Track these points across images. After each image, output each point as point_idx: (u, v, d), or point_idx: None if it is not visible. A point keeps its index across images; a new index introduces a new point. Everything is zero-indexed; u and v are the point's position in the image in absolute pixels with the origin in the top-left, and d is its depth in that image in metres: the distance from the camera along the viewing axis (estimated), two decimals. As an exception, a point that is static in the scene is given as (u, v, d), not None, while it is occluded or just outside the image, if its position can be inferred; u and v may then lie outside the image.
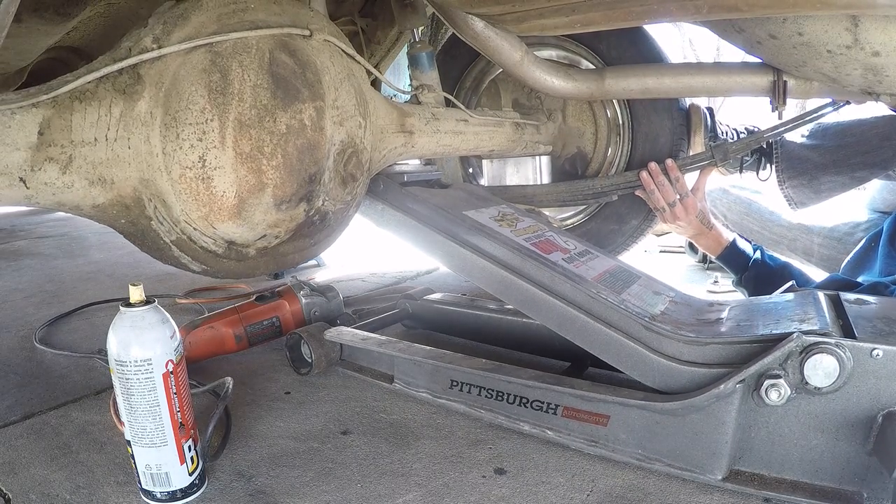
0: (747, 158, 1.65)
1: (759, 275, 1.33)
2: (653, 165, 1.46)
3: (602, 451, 0.87)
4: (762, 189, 1.85)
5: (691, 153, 1.57)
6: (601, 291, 0.94)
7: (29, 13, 0.99)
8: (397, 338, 1.18)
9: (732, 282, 1.46)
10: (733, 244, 1.38)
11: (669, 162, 1.45)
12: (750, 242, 1.46)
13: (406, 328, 1.43)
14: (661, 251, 2.24)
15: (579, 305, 0.93)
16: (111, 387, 0.78)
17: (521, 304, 0.99)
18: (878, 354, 0.70)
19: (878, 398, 0.72)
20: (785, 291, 1.00)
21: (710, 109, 1.64)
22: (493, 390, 0.98)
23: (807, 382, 0.73)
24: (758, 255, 1.36)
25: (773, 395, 0.73)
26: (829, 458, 0.75)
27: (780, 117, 1.30)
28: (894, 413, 0.71)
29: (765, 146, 1.59)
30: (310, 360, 1.17)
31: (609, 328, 0.89)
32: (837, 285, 1.17)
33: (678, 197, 1.43)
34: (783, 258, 1.42)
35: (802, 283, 1.28)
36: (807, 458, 0.76)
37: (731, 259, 1.39)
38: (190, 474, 0.80)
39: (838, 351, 0.71)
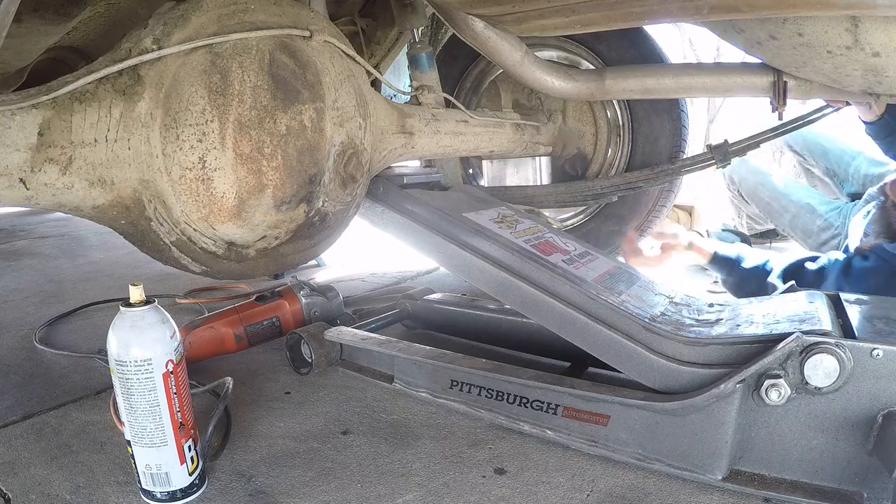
0: None
1: (742, 279, 1.39)
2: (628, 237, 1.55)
3: (602, 451, 0.87)
4: (778, 166, 1.95)
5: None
6: (601, 293, 0.94)
7: (29, 13, 0.99)
8: (397, 338, 1.18)
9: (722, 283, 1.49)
10: (715, 255, 1.44)
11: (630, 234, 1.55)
12: (737, 237, 1.50)
13: (406, 328, 1.43)
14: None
15: (579, 307, 0.93)
16: (111, 387, 0.78)
17: (520, 305, 0.99)
18: (878, 354, 0.71)
19: (878, 398, 0.72)
20: (786, 291, 1.01)
21: None
22: (493, 390, 0.98)
23: (807, 382, 0.73)
24: (739, 257, 1.40)
25: (774, 395, 0.73)
26: (828, 458, 0.75)
27: (780, 118, 1.30)
28: (894, 413, 0.71)
29: None
30: (310, 360, 1.17)
31: (609, 329, 0.89)
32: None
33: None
34: (764, 254, 1.45)
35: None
36: (806, 457, 0.76)
37: (718, 266, 1.45)
38: (190, 474, 0.80)
39: (838, 351, 0.71)
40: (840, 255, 1.33)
